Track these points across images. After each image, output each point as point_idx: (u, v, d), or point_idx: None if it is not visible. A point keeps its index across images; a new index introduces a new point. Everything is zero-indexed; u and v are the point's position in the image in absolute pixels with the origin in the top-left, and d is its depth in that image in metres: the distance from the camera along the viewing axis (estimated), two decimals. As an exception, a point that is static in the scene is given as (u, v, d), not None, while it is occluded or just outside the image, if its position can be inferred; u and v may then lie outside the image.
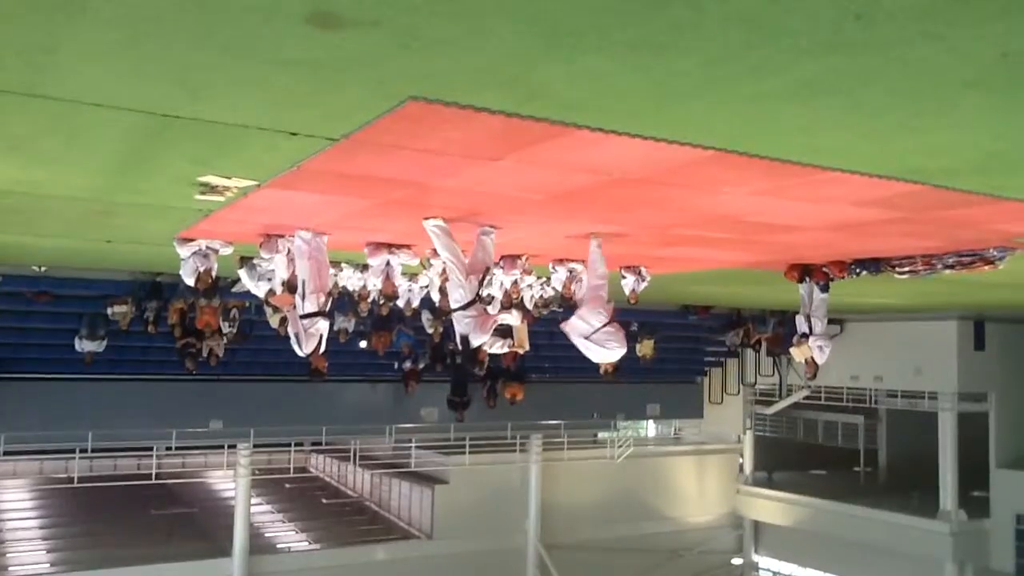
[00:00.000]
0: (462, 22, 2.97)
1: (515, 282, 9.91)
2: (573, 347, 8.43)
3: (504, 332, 7.90)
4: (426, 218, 7.21)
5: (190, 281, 9.26)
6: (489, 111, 3.98)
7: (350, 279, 10.41)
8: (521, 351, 8.21)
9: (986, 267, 8.64)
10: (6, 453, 15.85)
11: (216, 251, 9.07)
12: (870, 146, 4.64)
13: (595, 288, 8.31)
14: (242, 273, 9.84)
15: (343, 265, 10.23)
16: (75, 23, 3.07)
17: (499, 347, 7.95)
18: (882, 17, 2.82)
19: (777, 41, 3.06)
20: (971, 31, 2.93)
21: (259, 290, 9.87)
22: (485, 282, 7.70)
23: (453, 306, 7.62)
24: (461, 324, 7.58)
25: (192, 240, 8.91)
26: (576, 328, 8.27)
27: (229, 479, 20.73)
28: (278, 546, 19.80)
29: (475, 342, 7.68)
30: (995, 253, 8.42)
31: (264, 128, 4.43)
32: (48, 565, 17.92)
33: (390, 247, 8.99)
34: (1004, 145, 4.53)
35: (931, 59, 3.21)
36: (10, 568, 17.74)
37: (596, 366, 8.77)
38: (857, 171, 5.23)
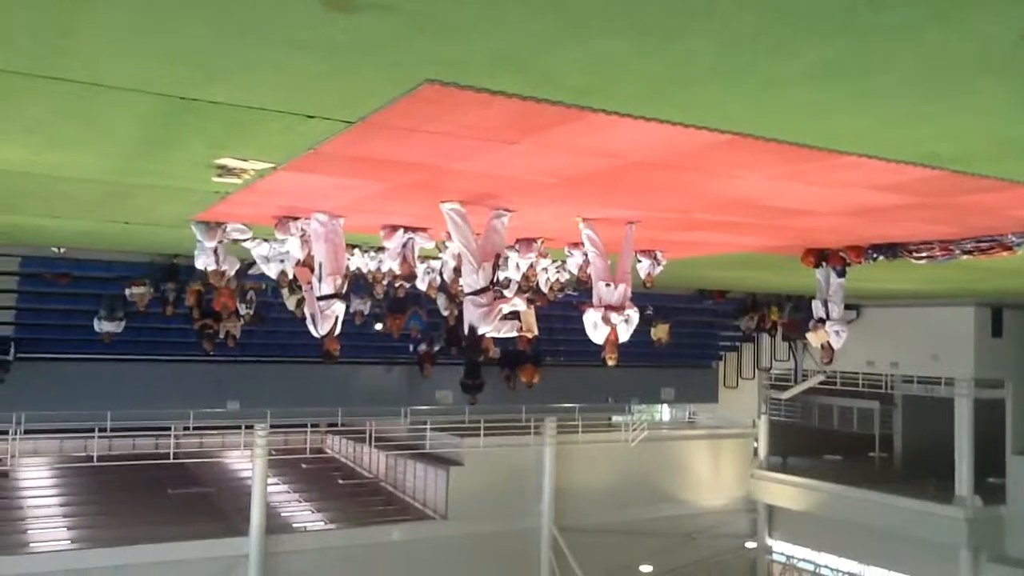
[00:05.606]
0: (477, 6, 2.98)
1: (531, 265, 9.91)
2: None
3: (511, 315, 7.87)
4: (443, 201, 7.22)
5: (201, 266, 9.44)
6: (504, 94, 3.98)
7: (365, 262, 10.44)
8: (529, 335, 8.12)
9: (1004, 253, 8.58)
10: (27, 432, 16.04)
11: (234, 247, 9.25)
12: (885, 131, 4.62)
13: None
14: (255, 254, 9.90)
15: (355, 251, 10.26)
16: (91, 5, 3.09)
17: (506, 331, 7.92)
18: (895, 0, 2.81)
19: (790, 25, 3.06)
20: (986, 14, 2.92)
21: (272, 271, 9.93)
22: (498, 266, 7.66)
23: (466, 290, 7.60)
24: (470, 310, 7.55)
25: (213, 231, 9.11)
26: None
27: (246, 459, 20.98)
28: (294, 525, 19.97)
29: (481, 330, 7.66)
30: (1013, 239, 8.37)
31: (281, 111, 4.45)
32: (68, 542, 18.16)
33: (406, 230, 9.02)
34: (1020, 130, 4.50)
35: (946, 43, 3.20)
36: (31, 544, 18.00)
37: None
38: (873, 156, 5.21)
